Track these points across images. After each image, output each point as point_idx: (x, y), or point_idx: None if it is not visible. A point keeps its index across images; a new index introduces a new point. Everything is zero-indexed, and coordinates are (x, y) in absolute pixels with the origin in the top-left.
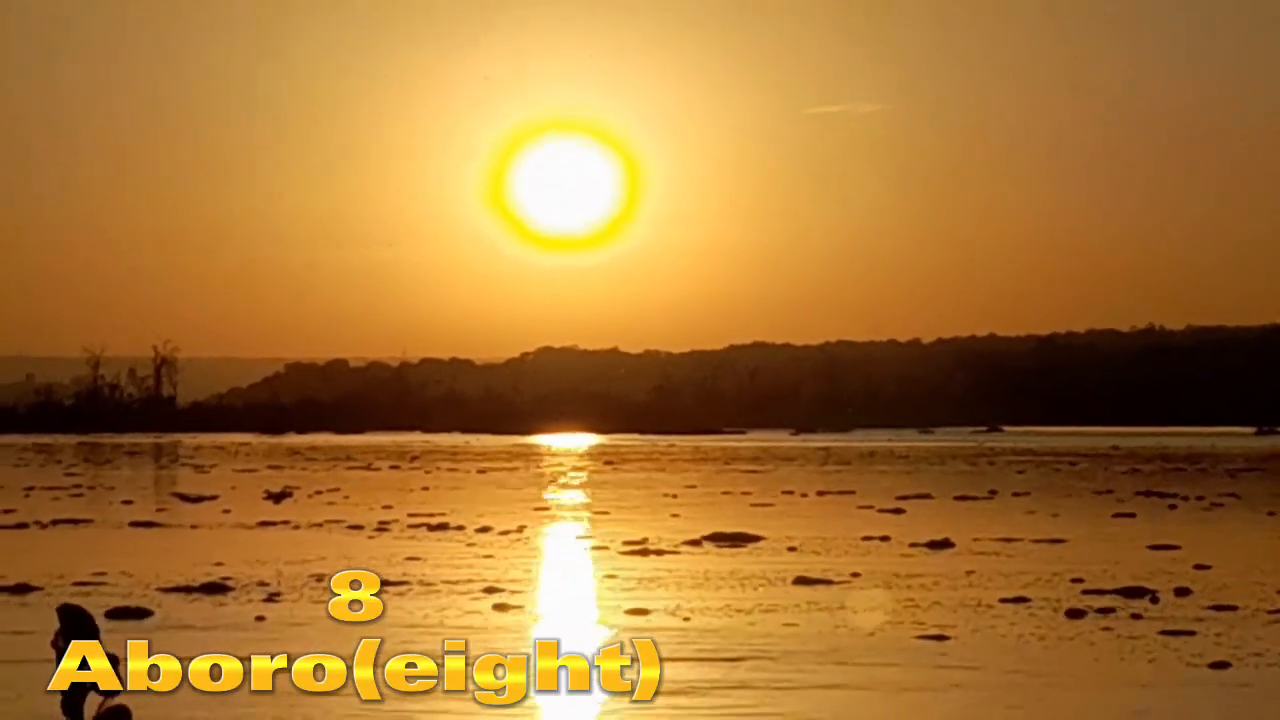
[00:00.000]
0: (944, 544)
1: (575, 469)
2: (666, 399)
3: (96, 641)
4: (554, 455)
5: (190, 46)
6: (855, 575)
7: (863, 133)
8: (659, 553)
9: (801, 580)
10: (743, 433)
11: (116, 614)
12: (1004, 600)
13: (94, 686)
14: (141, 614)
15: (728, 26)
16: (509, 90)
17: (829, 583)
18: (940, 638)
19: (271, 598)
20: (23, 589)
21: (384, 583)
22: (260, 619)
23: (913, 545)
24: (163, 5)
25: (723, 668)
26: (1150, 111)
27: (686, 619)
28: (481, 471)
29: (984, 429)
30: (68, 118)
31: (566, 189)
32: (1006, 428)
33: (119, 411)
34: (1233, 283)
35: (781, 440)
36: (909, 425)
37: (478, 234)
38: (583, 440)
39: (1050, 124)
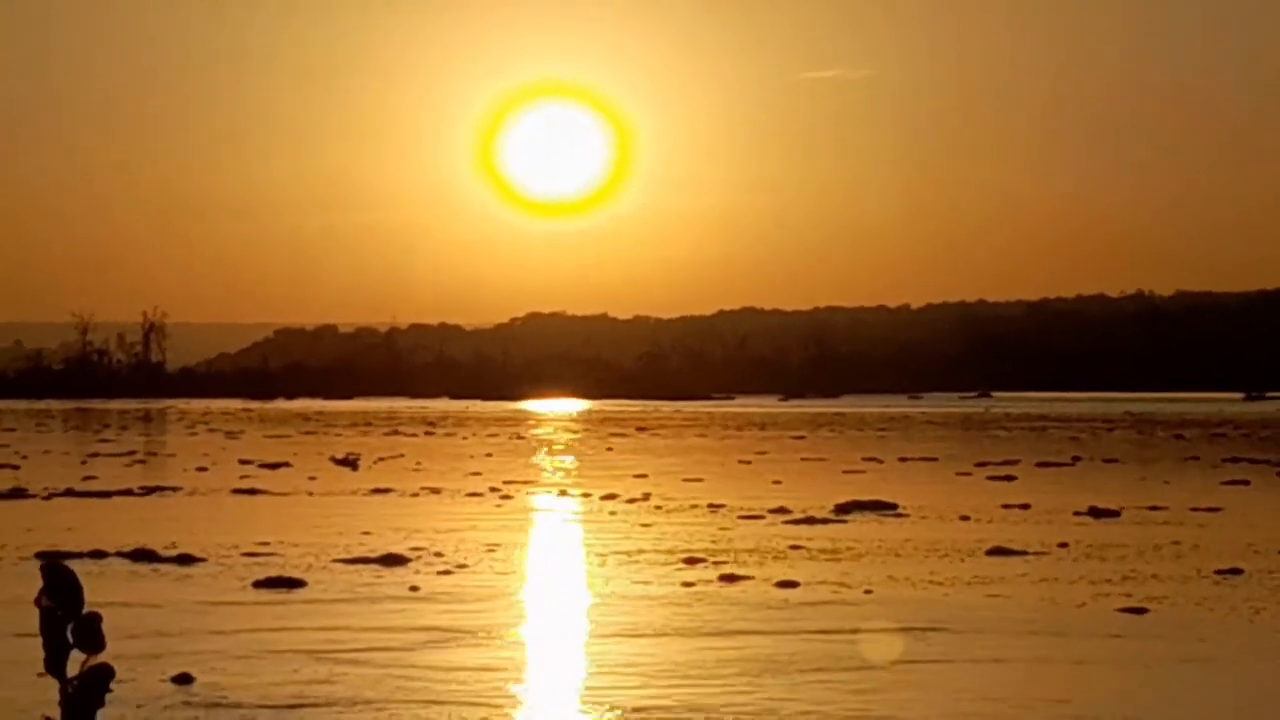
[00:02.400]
0: (1108, 513)
1: (614, 434)
2: (655, 365)
3: (80, 600)
4: (570, 420)
5: (179, 13)
6: (1063, 545)
7: (854, 98)
8: (813, 521)
9: (998, 550)
10: (731, 398)
11: (267, 584)
12: (1219, 572)
13: (77, 644)
14: (294, 584)
15: None
16: (499, 55)
17: (1024, 553)
18: (1140, 610)
19: (449, 570)
20: (186, 559)
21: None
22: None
23: (1076, 514)
24: None
25: (915, 638)
26: (1141, 80)
27: (869, 591)
28: (520, 437)
29: (974, 394)
30: (56, 84)
31: (557, 153)
32: (996, 393)
33: (108, 377)
34: (1221, 249)
35: (781, 406)
36: (899, 391)
37: (467, 199)
38: (572, 405)
39: (1041, 91)
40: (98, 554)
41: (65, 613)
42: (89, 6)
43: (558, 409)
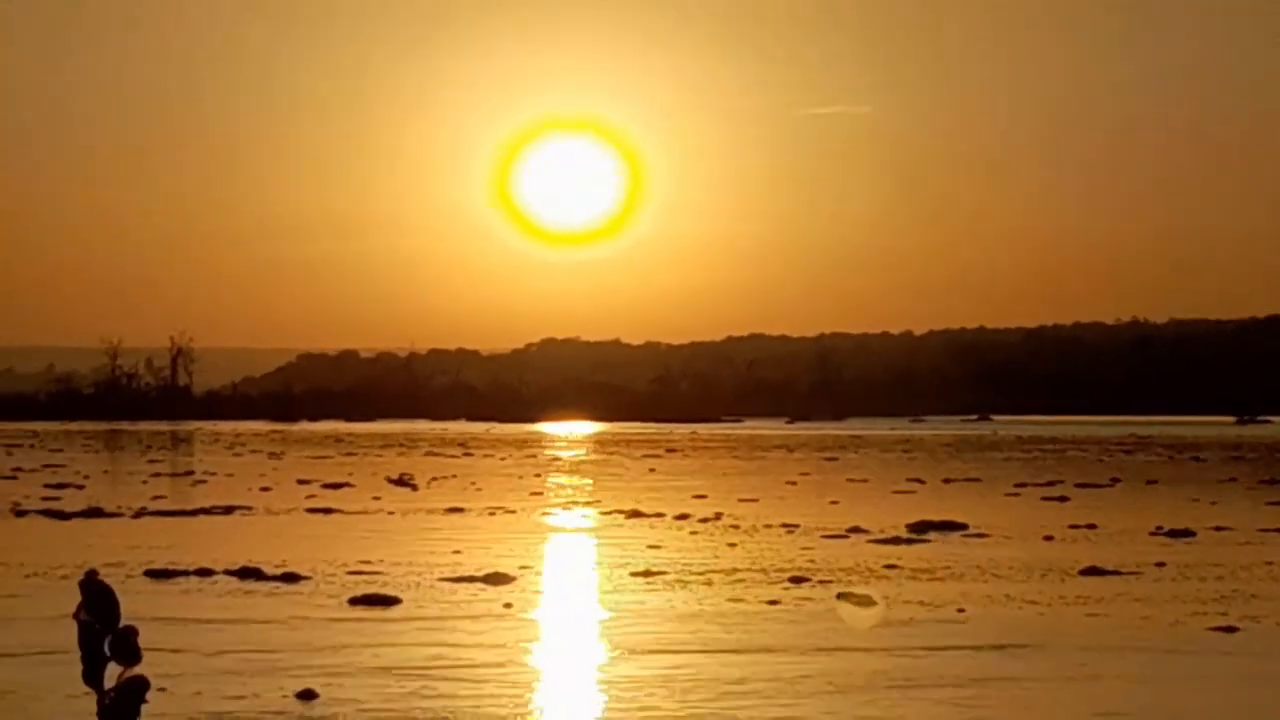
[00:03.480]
0: (1183, 533)
1: (646, 456)
2: (666, 388)
3: (116, 614)
4: (591, 442)
5: (204, 46)
6: (1160, 564)
7: (856, 133)
8: (898, 541)
9: (1092, 570)
10: (740, 421)
11: (364, 600)
12: None
13: (114, 657)
14: (389, 601)
15: (726, 29)
16: (515, 89)
17: (1119, 573)
18: (1231, 629)
19: (552, 589)
20: (291, 577)
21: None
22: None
23: (1152, 534)
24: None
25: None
26: (1135, 116)
27: (961, 610)
28: (557, 458)
29: (974, 417)
30: (85, 116)
31: (570, 185)
32: (995, 417)
33: (136, 400)
34: (1212, 278)
35: (789, 429)
36: (901, 414)
37: (484, 229)
38: (585, 428)
39: (1037, 126)
40: (204, 572)
41: (102, 626)
42: (119, 39)
43: (573, 431)
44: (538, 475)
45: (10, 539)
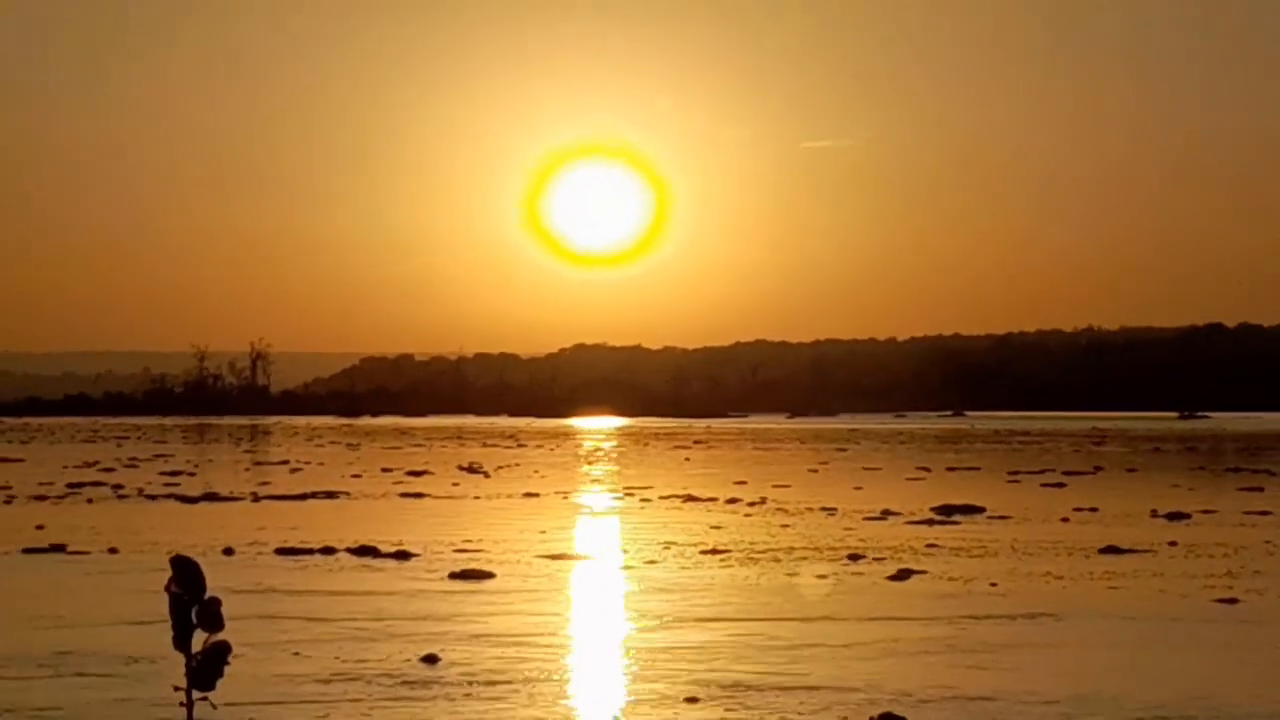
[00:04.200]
0: (1179, 515)
1: (677, 447)
2: (681, 388)
3: (203, 586)
4: (619, 434)
5: (284, 90)
6: (1172, 544)
7: (845, 164)
8: (931, 522)
9: (1111, 549)
10: (745, 416)
11: (462, 575)
12: None
13: (200, 625)
14: (486, 576)
15: (740, 71)
16: (541, 118)
17: (1134, 551)
18: (1232, 600)
19: (652, 563)
20: (404, 554)
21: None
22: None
23: (1153, 515)
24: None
25: (1015, 626)
26: (1087, 144)
27: (994, 584)
28: (600, 449)
29: (949, 413)
30: (178, 149)
31: (598, 209)
32: (968, 413)
33: (220, 398)
34: (1157, 290)
35: (789, 423)
36: (886, 410)
37: (520, 250)
38: (612, 422)
39: (1001, 155)
40: (328, 550)
41: (190, 598)
42: (212, 82)
43: (601, 425)
44: (590, 463)
45: (152, 521)
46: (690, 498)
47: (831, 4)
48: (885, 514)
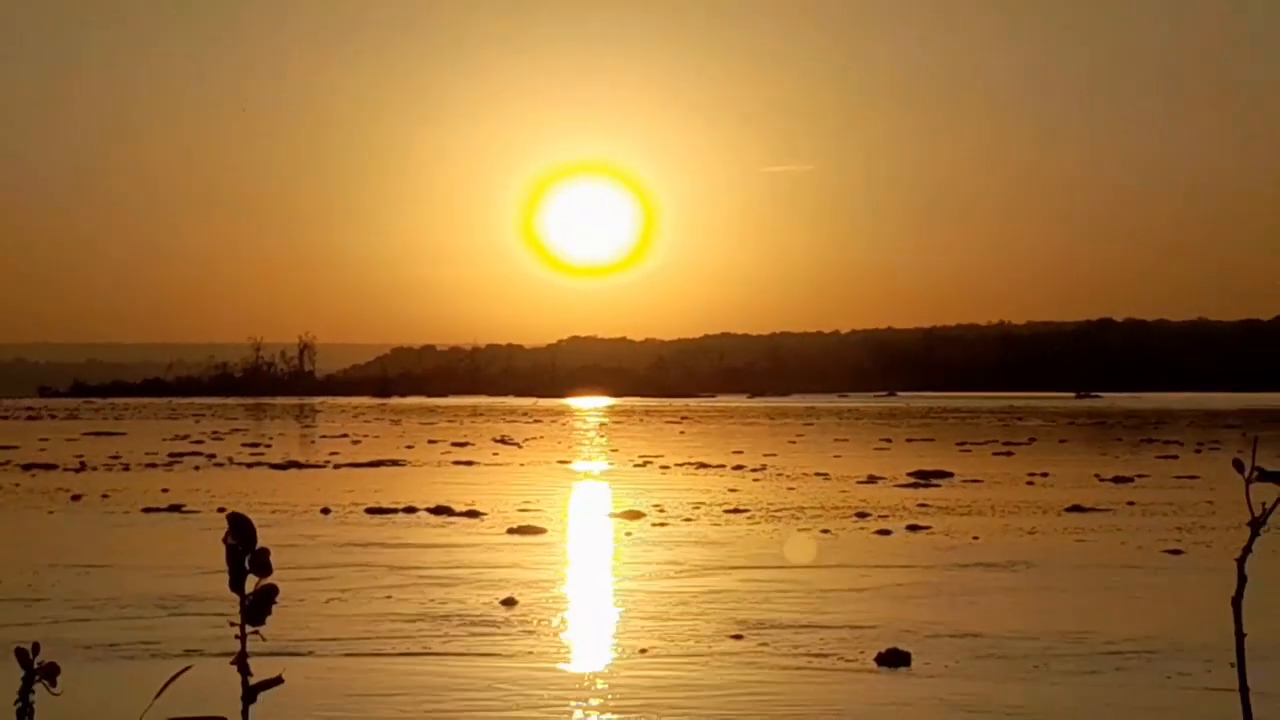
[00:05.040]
0: (1124, 479)
1: (668, 423)
2: (660, 373)
3: (254, 538)
4: (611, 412)
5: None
6: (1130, 504)
7: (800, 186)
8: (915, 485)
9: (1076, 508)
10: (714, 397)
11: (520, 530)
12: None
13: (252, 571)
14: (537, 531)
15: (714, 103)
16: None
17: (1097, 510)
18: (1178, 551)
19: (687, 520)
20: (473, 513)
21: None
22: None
23: (1100, 480)
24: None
25: (999, 573)
26: (993, 177)
27: (976, 538)
28: (603, 423)
29: (885, 393)
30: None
31: (591, 224)
32: (900, 393)
33: (273, 382)
34: (1058, 290)
35: (750, 402)
36: (831, 391)
37: (522, 260)
38: (601, 401)
39: (926, 180)
40: (410, 509)
41: (243, 548)
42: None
43: (594, 404)
44: (602, 437)
45: (252, 485)
46: (701, 465)
47: (790, 46)
48: (872, 478)
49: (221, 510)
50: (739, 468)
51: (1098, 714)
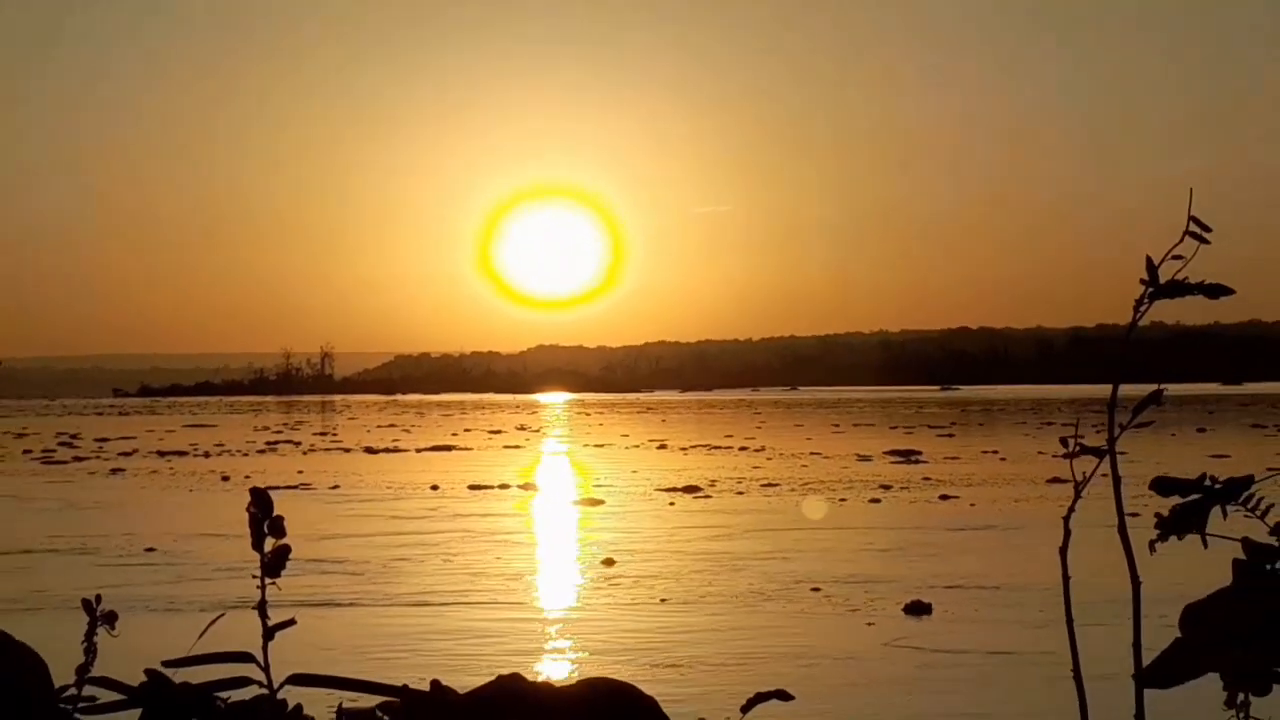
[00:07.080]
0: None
1: (640, 414)
2: (610, 374)
3: (271, 507)
4: (577, 406)
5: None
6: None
7: (720, 226)
8: (904, 462)
9: (1056, 480)
10: (652, 391)
11: (581, 502)
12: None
13: (270, 534)
14: (597, 503)
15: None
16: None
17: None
18: (1134, 514)
19: (732, 492)
20: (551, 488)
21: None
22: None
23: (1040, 453)
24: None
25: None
26: (878, 215)
27: (973, 505)
28: (585, 414)
29: (788, 388)
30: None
31: (549, 252)
32: (800, 387)
33: (300, 383)
34: (925, 302)
35: (682, 395)
36: (744, 386)
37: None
38: (562, 397)
39: (838, 216)
40: (504, 485)
41: (263, 515)
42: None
43: (557, 399)
44: (600, 425)
45: (355, 467)
46: (714, 447)
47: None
48: (861, 457)
49: (335, 487)
50: (744, 449)
51: (1114, 650)
